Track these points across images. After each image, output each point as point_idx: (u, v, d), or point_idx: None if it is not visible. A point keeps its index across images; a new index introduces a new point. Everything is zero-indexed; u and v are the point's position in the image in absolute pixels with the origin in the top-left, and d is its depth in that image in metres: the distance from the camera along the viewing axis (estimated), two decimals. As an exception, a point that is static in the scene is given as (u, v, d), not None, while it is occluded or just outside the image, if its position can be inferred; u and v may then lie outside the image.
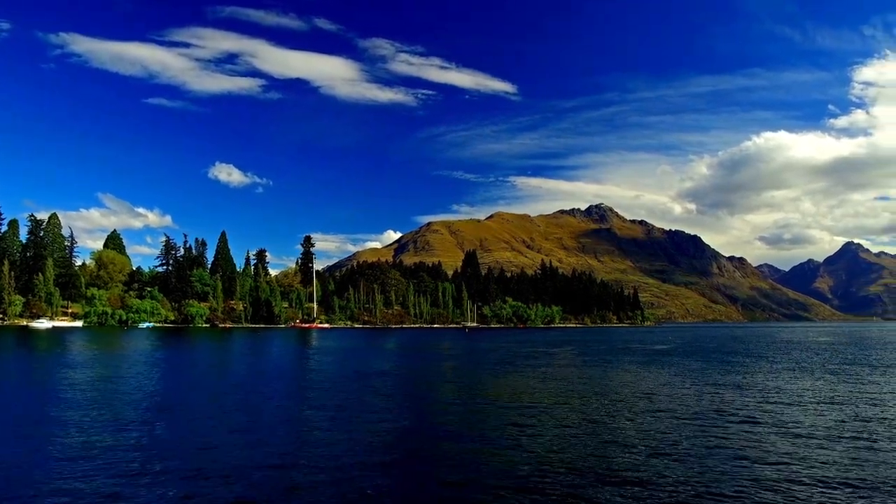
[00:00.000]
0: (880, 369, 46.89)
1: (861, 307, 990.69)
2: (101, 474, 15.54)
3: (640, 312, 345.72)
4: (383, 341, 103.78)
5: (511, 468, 16.49)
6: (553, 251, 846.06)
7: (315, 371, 48.32)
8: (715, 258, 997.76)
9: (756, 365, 51.78)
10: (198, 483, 15.02)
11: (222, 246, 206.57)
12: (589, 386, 35.79)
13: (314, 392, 33.20)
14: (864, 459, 17.32)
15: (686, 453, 18.13)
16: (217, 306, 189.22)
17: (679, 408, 26.96)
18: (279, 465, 16.76)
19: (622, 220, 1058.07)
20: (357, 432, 21.49)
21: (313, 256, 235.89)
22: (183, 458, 17.50)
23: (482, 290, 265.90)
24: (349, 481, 15.25)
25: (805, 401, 29.05)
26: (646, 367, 49.58)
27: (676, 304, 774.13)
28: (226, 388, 35.00)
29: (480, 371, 46.64)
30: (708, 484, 14.85)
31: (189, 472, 16.02)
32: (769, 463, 16.97)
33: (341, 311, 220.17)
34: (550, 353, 69.30)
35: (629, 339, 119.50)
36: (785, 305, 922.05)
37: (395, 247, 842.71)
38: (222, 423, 23.30)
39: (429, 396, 32.36)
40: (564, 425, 22.83)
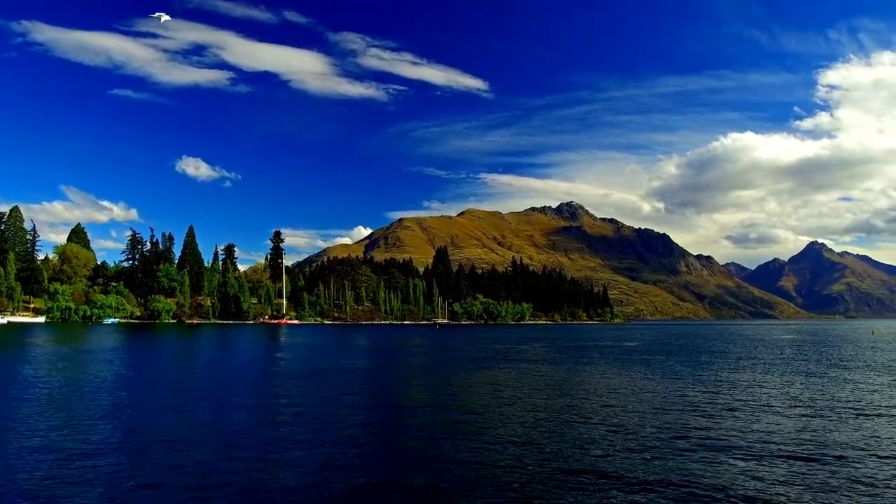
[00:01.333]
0: (843, 367, 47.48)
1: (824, 306, 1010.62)
2: (48, 476, 14.83)
3: (609, 310, 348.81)
4: (353, 338, 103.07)
5: (476, 466, 16.15)
6: (524, 248, 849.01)
7: (283, 368, 47.54)
8: (683, 256, 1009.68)
9: (721, 362, 52.21)
10: (155, 485, 14.40)
11: (190, 240, 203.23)
12: (556, 383, 35.64)
13: (281, 390, 32.50)
14: (823, 454, 17.36)
15: (652, 448, 18.00)
16: (184, 302, 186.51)
17: (645, 404, 26.97)
18: (243, 466, 16.18)
19: (592, 219, 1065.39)
20: (324, 431, 20.99)
21: (283, 252, 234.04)
22: (141, 459, 16.86)
23: (453, 287, 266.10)
24: (315, 482, 14.78)
25: (767, 396, 29.22)
26: (613, 364, 49.68)
27: (645, 301, 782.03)
28: (190, 385, 34.18)
29: (449, 368, 46.25)
30: (675, 478, 14.68)
31: (147, 473, 15.39)
32: (734, 456, 16.90)
33: (311, 308, 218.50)
34: (520, 351, 69.25)
35: (598, 336, 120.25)
36: (751, 303, 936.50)
37: (366, 243, 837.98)
38: (185, 421, 22.61)
39: (397, 394, 31.87)
40: (532, 424, 22.57)
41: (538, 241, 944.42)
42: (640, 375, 40.53)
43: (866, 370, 44.60)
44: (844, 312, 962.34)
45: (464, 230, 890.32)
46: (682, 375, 40.29)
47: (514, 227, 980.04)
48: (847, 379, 38.15)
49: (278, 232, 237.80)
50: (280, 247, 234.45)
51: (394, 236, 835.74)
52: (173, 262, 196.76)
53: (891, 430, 21.47)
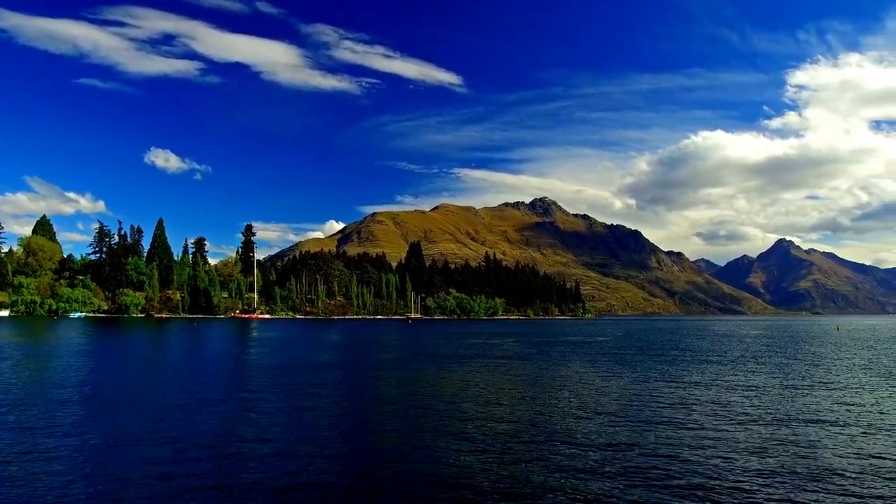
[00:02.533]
0: (810, 362, 48.08)
1: (791, 302, 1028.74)
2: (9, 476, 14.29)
3: (581, 305, 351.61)
4: (325, 333, 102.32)
5: (443, 463, 15.94)
6: (497, 244, 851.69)
7: (252, 363, 46.93)
8: (654, 253, 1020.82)
9: (689, 357, 52.55)
10: (120, 484, 13.93)
11: (159, 233, 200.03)
12: (527, 379, 35.58)
13: (249, 385, 32.04)
14: (789, 446, 17.46)
15: (619, 442, 18.03)
16: (153, 296, 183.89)
17: (613, 399, 27.02)
18: (209, 464, 15.81)
19: (565, 214, 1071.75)
20: (293, 428, 20.69)
21: (254, 245, 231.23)
22: (102, 458, 16.39)
23: (426, 282, 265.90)
24: (283, 479, 14.46)
25: (734, 391, 29.42)
26: (583, 359, 49.76)
27: (617, 297, 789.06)
28: (156, 381, 33.47)
29: (421, 364, 46.00)
30: (642, 471, 14.68)
31: (107, 472, 14.94)
32: (700, 448, 16.94)
33: (283, 302, 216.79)
34: (492, 346, 69.21)
35: (570, 331, 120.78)
36: (720, 299, 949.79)
37: (339, 237, 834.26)
38: (149, 418, 22.05)
39: (367, 390, 31.55)
40: (501, 419, 22.45)
41: (511, 237, 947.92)
42: (609, 370, 40.66)
43: (831, 365, 45.17)
44: (811, 309, 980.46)
45: (437, 225, 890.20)
46: (651, 370, 40.50)
47: (487, 222, 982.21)
48: (813, 374, 38.55)
49: (250, 225, 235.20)
50: (251, 240, 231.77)
51: (367, 231, 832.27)
52: (142, 256, 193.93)
53: (856, 422, 21.69)
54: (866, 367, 44.02)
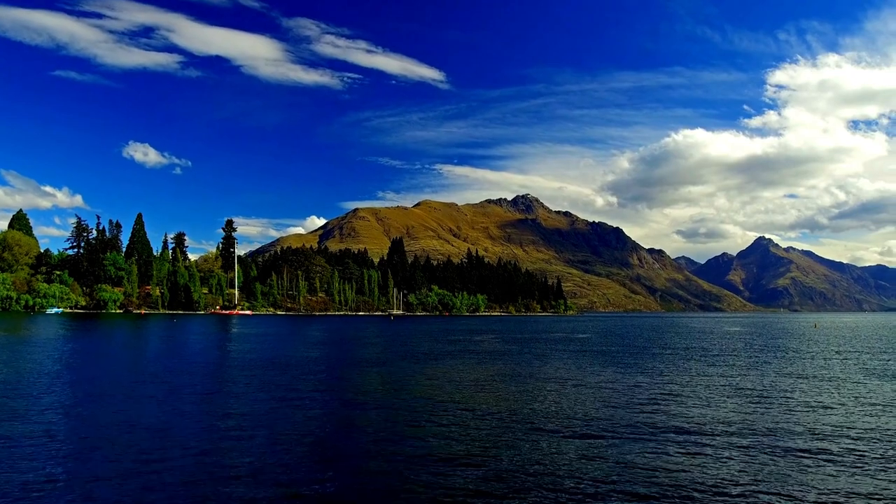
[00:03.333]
0: (789, 358, 48.45)
1: (770, 299, 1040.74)
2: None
3: (562, 302, 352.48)
4: (306, 329, 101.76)
5: (423, 461, 15.76)
6: (479, 240, 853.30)
7: (232, 360, 46.39)
8: (635, 250, 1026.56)
9: (669, 353, 52.84)
10: (95, 485, 13.58)
11: (138, 228, 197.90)
12: (509, 375, 35.50)
13: (229, 382, 31.65)
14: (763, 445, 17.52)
15: (599, 437, 18.00)
16: (132, 291, 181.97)
17: (594, 394, 27.03)
18: (187, 461, 15.48)
19: (547, 211, 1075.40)
20: (271, 426, 20.39)
21: (235, 241, 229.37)
22: (78, 454, 16.00)
23: (408, 278, 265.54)
24: (261, 474, 14.19)
25: (713, 386, 29.54)
26: (564, 355, 49.87)
27: (598, 294, 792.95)
28: (134, 379, 32.91)
29: (402, 360, 45.74)
30: (620, 466, 14.62)
31: (81, 469, 14.57)
32: (679, 442, 16.97)
33: (264, 298, 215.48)
34: (474, 342, 69.17)
35: (551, 328, 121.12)
36: (700, 296, 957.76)
37: (321, 233, 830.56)
38: (126, 414, 21.67)
39: (348, 386, 31.21)
40: (483, 416, 22.31)
41: (493, 233, 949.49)
42: (590, 366, 40.75)
43: (812, 361, 45.54)
44: (789, 306, 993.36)
45: (420, 221, 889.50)
46: (632, 365, 40.66)
47: (469, 218, 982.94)
48: (794, 369, 38.82)
49: (230, 220, 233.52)
50: (232, 236, 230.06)
51: (349, 227, 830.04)
52: (121, 251, 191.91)
53: (833, 416, 21.81)
54: (848, 362, 44.45)
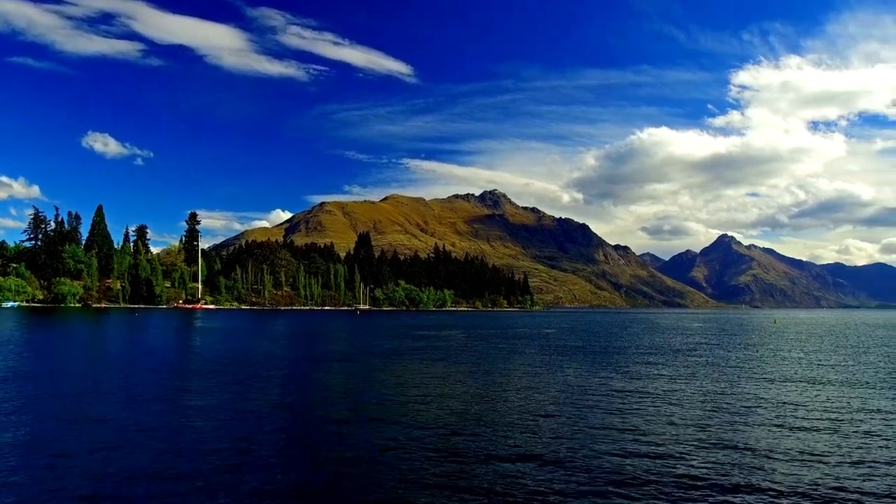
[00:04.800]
0: (750, 353, 49.20)
1: (732, 296, 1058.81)
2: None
3: (529, 297, 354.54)
4: (270, 323, 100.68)
5: (385, 459, 15.57)
6: (447, 235, 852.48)
7: (194, 355, 45.64)
8: (601, 246, 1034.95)
9: (632, 348, 53.31)
10: (49, 487, 13.04)
11: (98, 220, 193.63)
12: (473, 371, 35.44)
13: (190, 379, 31.11)
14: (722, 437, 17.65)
15: (562, 434, 17.94)
16: (92, 285, 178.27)
17: (557, 390, 27.04)
18: (144, 460, 15.04)
19: (515, 207, 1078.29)
20: (234, 423, 20.03)
21: (199, 234, 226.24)
22: (33, 458, 15.44)
23: (375, 273, 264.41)
24: (220, 475, 13.84)
25: (674, 382, 29.81)
26: (530, 351, 50.09)
27: (564, 289, 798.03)
28: (91, 373, 32.18)
29: (367, 355, 45.42)
30: (583, 463, 14.57)
31: (38, 474, 14.02)
32: (640, 438, 17.00)
33: (228, 292, 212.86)
34: (440, 338, 69.14)
35: (517, 323, 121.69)
36: (664, 293, 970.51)
37: (286, 226, 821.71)
38: (81, 413, 21.08)
39: (311, 382, 30.84)
40: (447, 413, 22.18)
41: (461, 229, 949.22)
42: (554, 363, 40.82)
43: (771, 355, 46.28)
44: (750, 302, 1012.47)
45: (387, 216, 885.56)
46: (595, 363, 40.84)
47: (437, 213, 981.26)
48: (753, 366, 39.36)
49: (194, 213, 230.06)
50: (196, 229, 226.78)
51: (315, 220, 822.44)
52: (80, 243, 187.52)
53: (793, 411, 22.10)
54: (803, 357, 45.23)
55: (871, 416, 22.06)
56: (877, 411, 22.90)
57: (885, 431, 19.40)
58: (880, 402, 25.16)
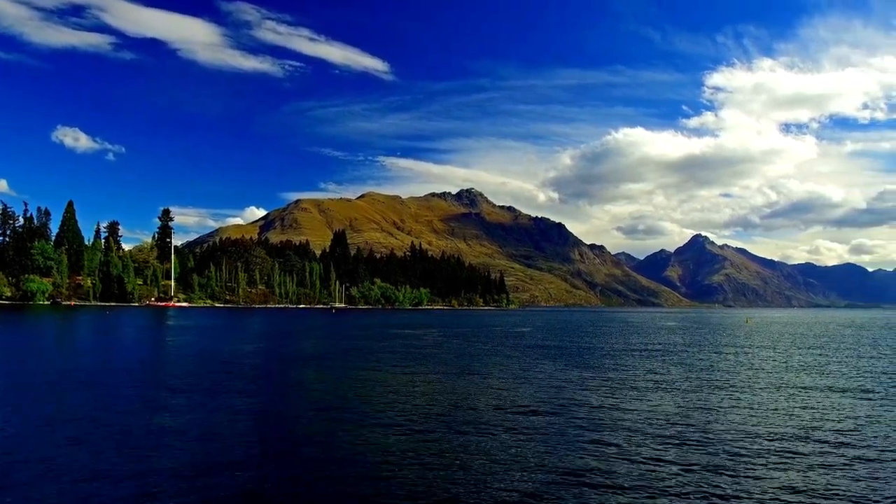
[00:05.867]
0: (722, 352, 49.60)
1: (705, 295, 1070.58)
2: None
3: (505, 296, 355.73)
4: (244, 322, 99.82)
5: (356, 460, 15.31)
6: (423, 233, 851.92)
7: (167, 354, 44.90)
8: (577, 245, 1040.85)
9: (607, 348, 53.51)
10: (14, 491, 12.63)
11: (69, 216, 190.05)
12: (448, 370, 35.26)
13: (160, 379, 30.52)
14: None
15: (533, 431, 17.86)
16: (62, 282, 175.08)
17: (530, 388, 26.96)
18: (115, 461, 14.63)
19: (491, 206, 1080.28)
20: (204, 426, 19.59)
21: (172, 231, 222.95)
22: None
23: (351, 271, 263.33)
24: (189, 476, 13.49)
25: (647, 379, 29.85)
26: (504, 349, 50.06)
27: (540, 288, 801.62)
28: (59, 373, 31.39)
29: (342, 355, 45.03)
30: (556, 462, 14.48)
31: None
32: (616, 438, 16.99)
33: (201, 290, 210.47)
34: (415, 335, 68.84)
35: (493, 322, 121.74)
36: (638, 292, 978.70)
37: (261, 224, 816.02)
38: (49, 414, 20.53)
39: (283, 383, 30.51)
40: (420, 412, 21.97)
41: (437, 227, 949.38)
42: (529, 361, 40.78)
43: (745, 354, 46.70)
44: (723, 301, 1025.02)
45: (363, 214, 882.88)
46: (570, 361, 40.83)
47: (413, 212, 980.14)
48: (725, 366, 39.64)
49: (167, 210, 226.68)
50: (169, 225, 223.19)
51: (290, 218, 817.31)
52: (49, 240, 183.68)
53: (765, 407, 22.24)
54: (777, 357, 45.71)
55: (842, 415, 22.28)
56: (849, 409, 23.16)
57: (855, 431, 19.58)
58: (850, 401, 25.44)
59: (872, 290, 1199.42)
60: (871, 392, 27.88)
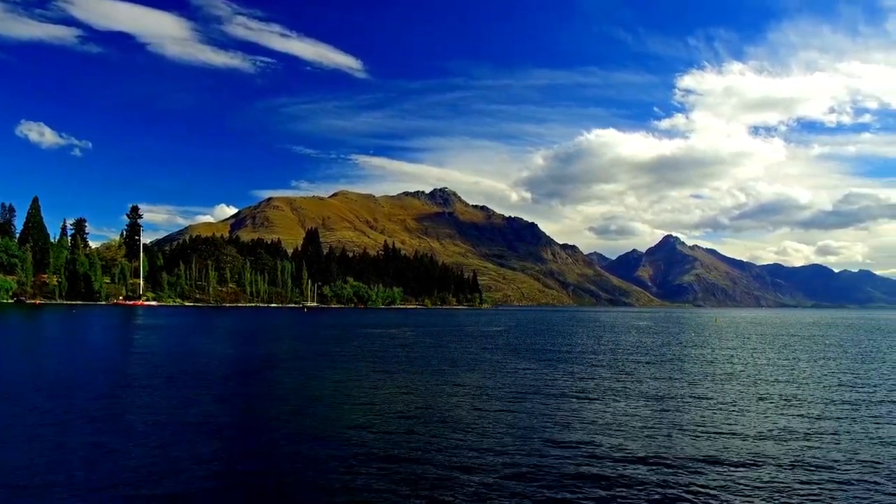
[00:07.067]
0: (693, 352, 49.96)
1: (676, 295, 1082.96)
2: None
3: (478, 295, 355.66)
4: (214, 321, 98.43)
5: (326, 466, 14.94)
6: (396, 232, 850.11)
7: (133, 355, 43.93)
8: (549, 245, 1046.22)
9: (577, 347, 53.61)
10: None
11: (34, 213, 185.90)
12: (419, 369, 34.94)
13: (126, 379, 29.73)
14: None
15: (501, 430, 17.67)
16: (26, 280, 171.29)
17: (499, 386, 26.78)
18: (74, 462, 14.07)
19: (465, 205, 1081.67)
20: (169, 431, 19.04)
21: (140, 228, 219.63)
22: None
23: (323, 270, 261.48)
24: (153, 479, 13.01)
25: (616, 379, 29.89)
26: (476, 349, 49.85)
27: (513, 287, 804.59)
28: (19, 374, 30.51)
29: (313, 355, 44.55)
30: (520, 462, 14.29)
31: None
32: (583, 436, 16.95)
33: (171, 288, 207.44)
34: (387, 335, 68.46)
35: (466, 321, 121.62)
36: (610, 291, 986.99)
37: (232, 222, 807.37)
38: (9, 415, 19.75)
39: (251, 384, 29.97)
40: (392, 413, 21.66)
41: (411, 226, 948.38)
42: (501, 361, 40.65)
43: (715, 352, 47.07)
44: (693, 301, 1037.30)
45: (336, 212, 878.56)
46: (542, 360, 40.83)
47: (387, 210, 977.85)
48: (697, 364, 39.88)
49: (136, 207, 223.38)
50: (137, 223, 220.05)
51: (262, 216, 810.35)
52: (14, 236, 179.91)
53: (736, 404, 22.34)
54: (743, 356, 46.14)
55: (811, 412, 22.43)
56: (817, 406, 23.32)
57: (821, 428, 19.70)
58: (816, 397, 25.64)
59: (838, 290, 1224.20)
60: (840, 388, 28.18)
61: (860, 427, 20.43)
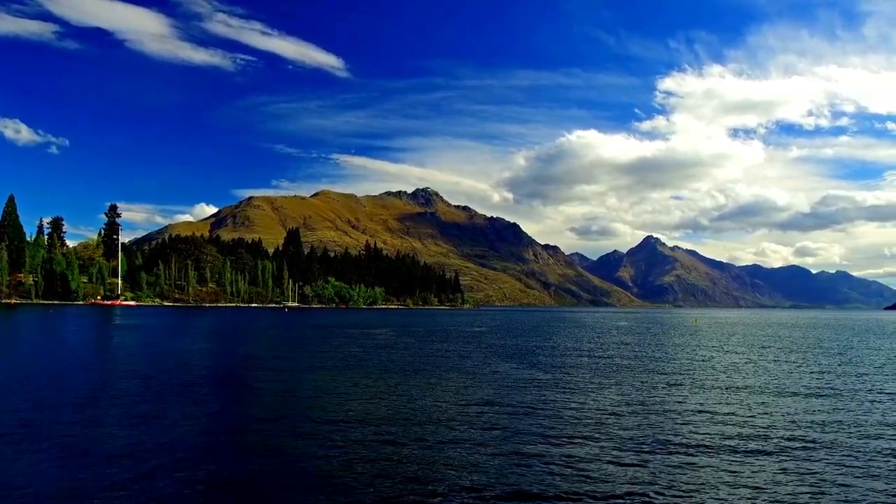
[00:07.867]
0: (670, 351, 50.21)
1: (657, 295, 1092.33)
2: None
3: (460, 295, 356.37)
4: (194, 321, 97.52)
5: (307, 468, 14.75)
6: (378, 232, 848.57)
7: (108, 355, 43.34)
8: (531, 245, 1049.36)
9: (559, 347, 53.67)
10: None
11: (10, 211, 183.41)
12: (401, 370, 34.78)
13: (104, 381, 29.30)
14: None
15: (481, 430, 17.54)
16: (1, 280, 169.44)
17: (481, 392, 26.68)
18: (51, 463, 13.76)
19: (447, 205, 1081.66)
20: (146, 431, 18.70)
21: (119, 227, 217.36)
22: None
23: (304, 270, 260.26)
24: (134, 480, 12.70)
25: (594, 377, 29.90)
26: (458, 349, 49.74)
27: (495, 287, 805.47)
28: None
29: (293, 356, 44.15)
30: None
31: None
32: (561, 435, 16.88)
33: (150, 288, 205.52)
34: (369, 335, 68.15)
35: (447, 321, 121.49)
36: (591, 292, 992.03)
37: (213, 221, 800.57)
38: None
39: (230, 387, 29.62)
40: (373, 415, 21.49)
41: (392, 226, 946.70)
42: (483, 361, 40.58)
43: (694, 351, 47.30)
44: (673, 302, 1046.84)
45: (317, 211, 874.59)
46: (523, 360, 40.79)
47: (368, 210, 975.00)
48: (677, 360, 40.04)
49: (114, 205, 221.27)
50: (116, 221, 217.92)
51: (243, 215, 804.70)
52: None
53: (715, 410, 22.39)
54: (721, 357, 46.42)
55: (788, 410, 22.51)
56: (794, 405, 23.43)
57: (799, 425, 19.75)
58: (795, 396, 25.80)
59: (815, 291, 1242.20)
60: (818, 388, 28.36)
61: (840, 418, 20.55)
